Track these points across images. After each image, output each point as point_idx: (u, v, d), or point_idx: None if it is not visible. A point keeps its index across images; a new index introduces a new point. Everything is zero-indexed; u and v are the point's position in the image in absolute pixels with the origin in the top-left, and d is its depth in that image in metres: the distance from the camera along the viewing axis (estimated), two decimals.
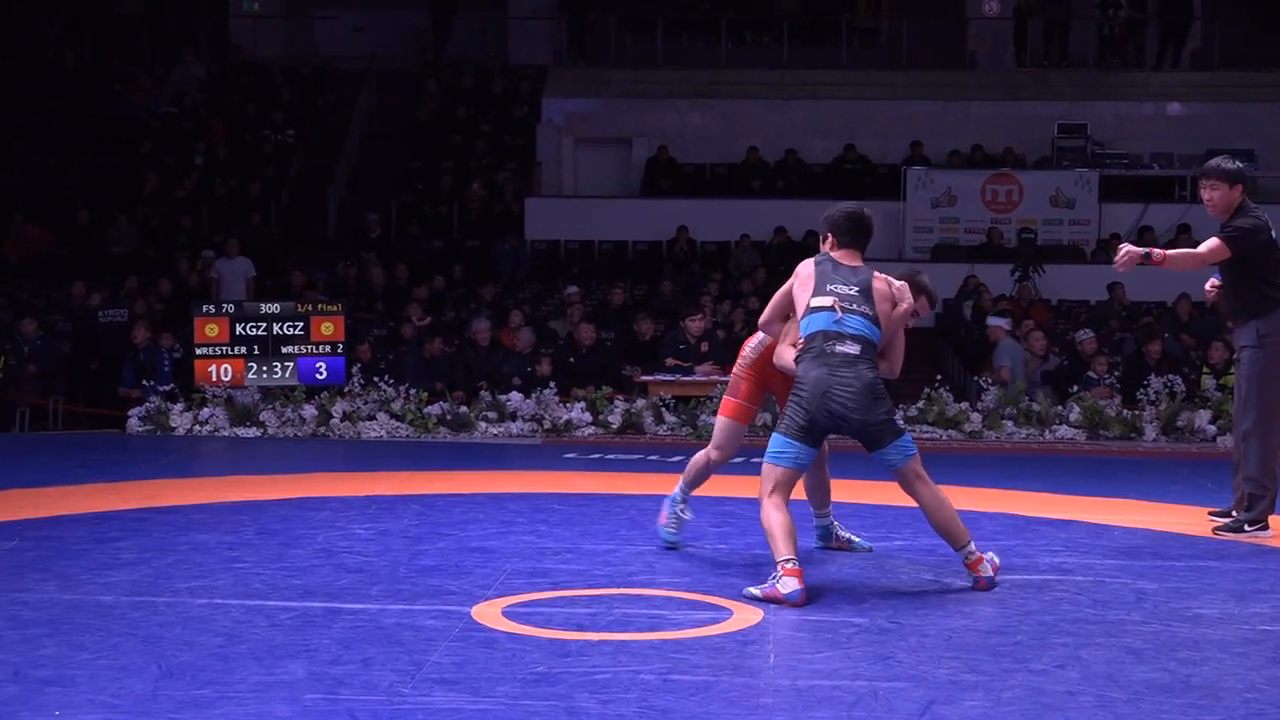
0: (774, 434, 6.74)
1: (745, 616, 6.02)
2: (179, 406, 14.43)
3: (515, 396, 14.33)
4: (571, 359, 15.76)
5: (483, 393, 14.52)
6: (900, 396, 14.84)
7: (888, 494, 9.64)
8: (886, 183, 22.73)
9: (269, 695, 4.84)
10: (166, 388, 15.00)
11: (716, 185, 23.61)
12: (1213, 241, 8.11)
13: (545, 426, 14.16)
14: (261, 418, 14.20)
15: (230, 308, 14.75)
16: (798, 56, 26.00)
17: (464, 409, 14.26)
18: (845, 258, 6.90)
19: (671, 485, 8.02)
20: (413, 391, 14.46)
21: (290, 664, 5.22)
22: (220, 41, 28.12)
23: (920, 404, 14.33)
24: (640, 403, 14.27)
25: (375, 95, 26.16)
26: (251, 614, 5.98)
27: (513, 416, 14.23)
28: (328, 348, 14.50)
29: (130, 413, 14.69)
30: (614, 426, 14.01)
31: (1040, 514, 9.15)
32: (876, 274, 6.89)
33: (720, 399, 7.70)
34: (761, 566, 7.05)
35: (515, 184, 23.12)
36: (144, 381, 15.43)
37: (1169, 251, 8.26)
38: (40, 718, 4.57)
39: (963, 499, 9.54)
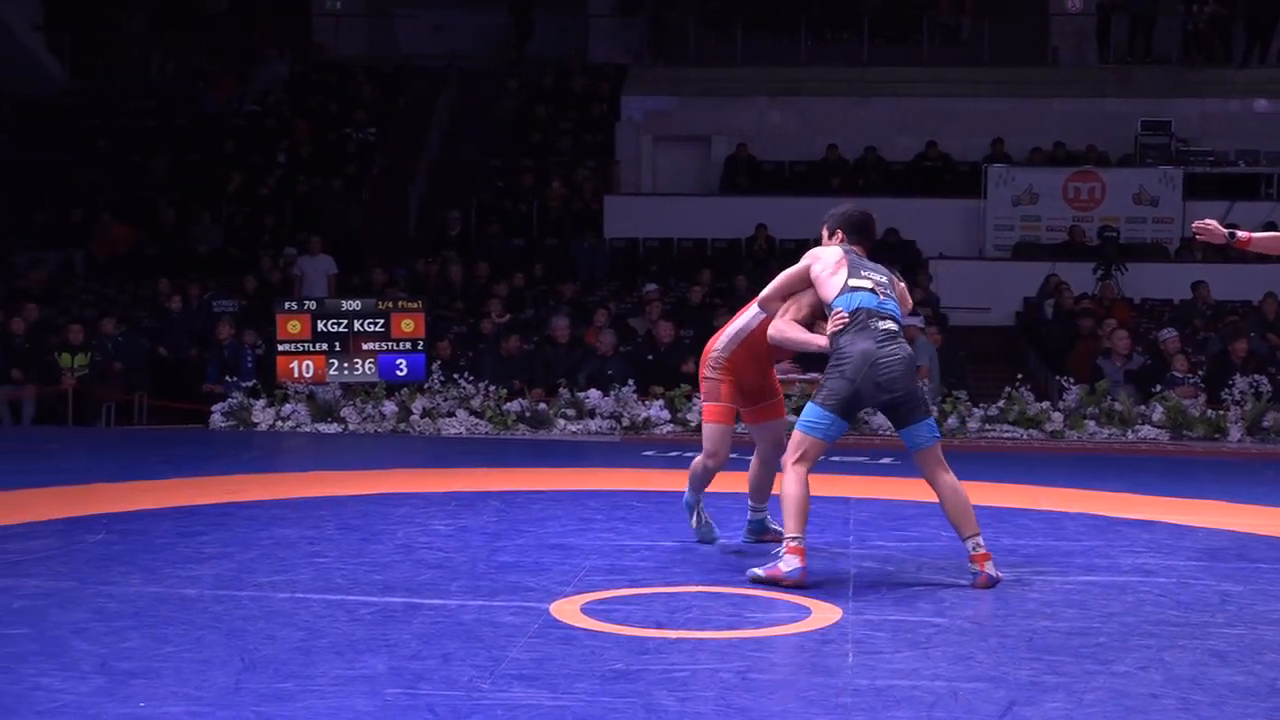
0: (809, 404, 6.88)
1: (824, 615, 6.00)
2: (261, 402, 14.56)
3: (594, 394, 14.35)
4: (650, 356, 15.76)
5: (561, 390, 14.56)
6: (981, 396, 14.76)
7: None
8: (967, 180, 22.57)
9: (349, 689, 4.87)
10: (249, 384, 15.14)
11: (795, 183, 23.53)
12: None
13: (624, 424, 14.18)
14: (342, 414, 14.30)
15: (312, 305, 14.86)
16: (878, 54, 25.87)
17: (543, 406, 14.30)
18: (862, 254, 7.21)
19: (746, 483, 7.98)
20: (492, 389, 14.51)
21: (370, 658, 5.25)
22: (303, 41, 28.36)
23: (1001, 403, 14.23)
24: None
25: (456, 94, 26.28)
26: (332, 608, 6.02)
27: (591, 414, 14.26)
28: (408, 345, 14.59)
29: (214, 408, 14.84)
30: (692, 424, 13.99)
31: (1123, 515, 9.06)
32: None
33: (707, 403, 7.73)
34: (836, 561, 7.05)
35: (594, 182, 23.16)
36: (227, 377, 15.58)
37: (1255, 235, 8.01)
38: (126, 709, 4.62)
39: (1044, 499, 9.49)
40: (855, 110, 24.49)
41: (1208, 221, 7.77)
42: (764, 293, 7.27)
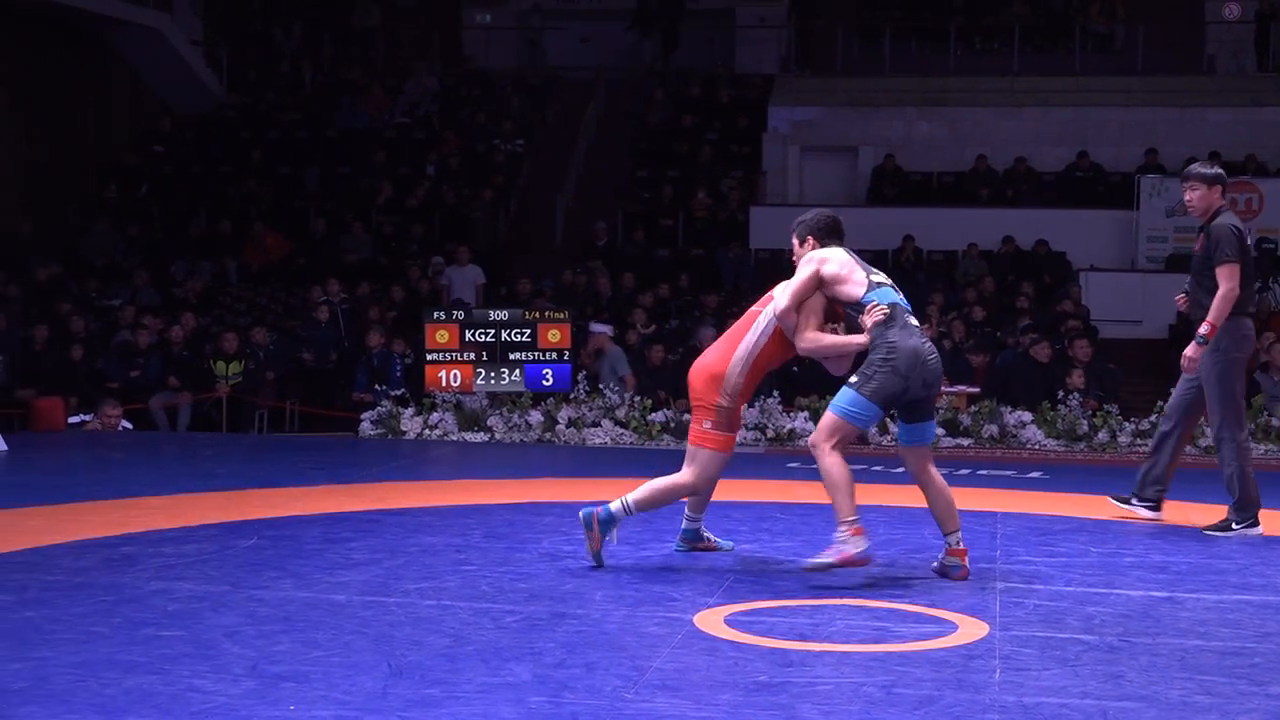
0: (852, 391, 6.89)
1: (970, 631, 5.93)
2: (409, 411, 14.72)
3: None
4: (795, 368, 15.69)
5: None
6: (1132, 410, 14.52)
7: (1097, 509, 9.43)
8: (1119, 191, 22.23)
9: (494, 696, 4.91)
10: (398, 392, 15.32)
11: (943, 194, 23.34)
12: (1222, 272, 8.43)
13: (769, 435, 14.14)
14: (489, 423, 14.42)
15: (460, 314, 14.99)
16: (1029, 63, 25.59)
17: (687, 416, 14.29)
18: None
19: (894, 496, 7.94)
20: (637, 399, 14.55)
21: (515, 666, 5.28)
22: (453, 53, 28.68)
23: (1153, 417, 13.96)
24: None
25: (603, 105, 26.41)
26: (478, 616, 6.07)
27: None
28: (554, 355, 14.66)
29: (363, 416, 15.04)
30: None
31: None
32: None
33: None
34: (982, 576, 6.97)
35: (740, 193, 23.14)
36: (376, 386, 15.78)
37: (1210, 318, 8.44)
38: (276, 712, 4.69)
39: (1197, 515, 9.30)
40: (1005, 120, 24.24)
41: (1185, 360, 8.57)
42: (780, 305, 7.07)
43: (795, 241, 7.37)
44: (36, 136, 23.23)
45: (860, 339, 6.98)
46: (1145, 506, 9.10)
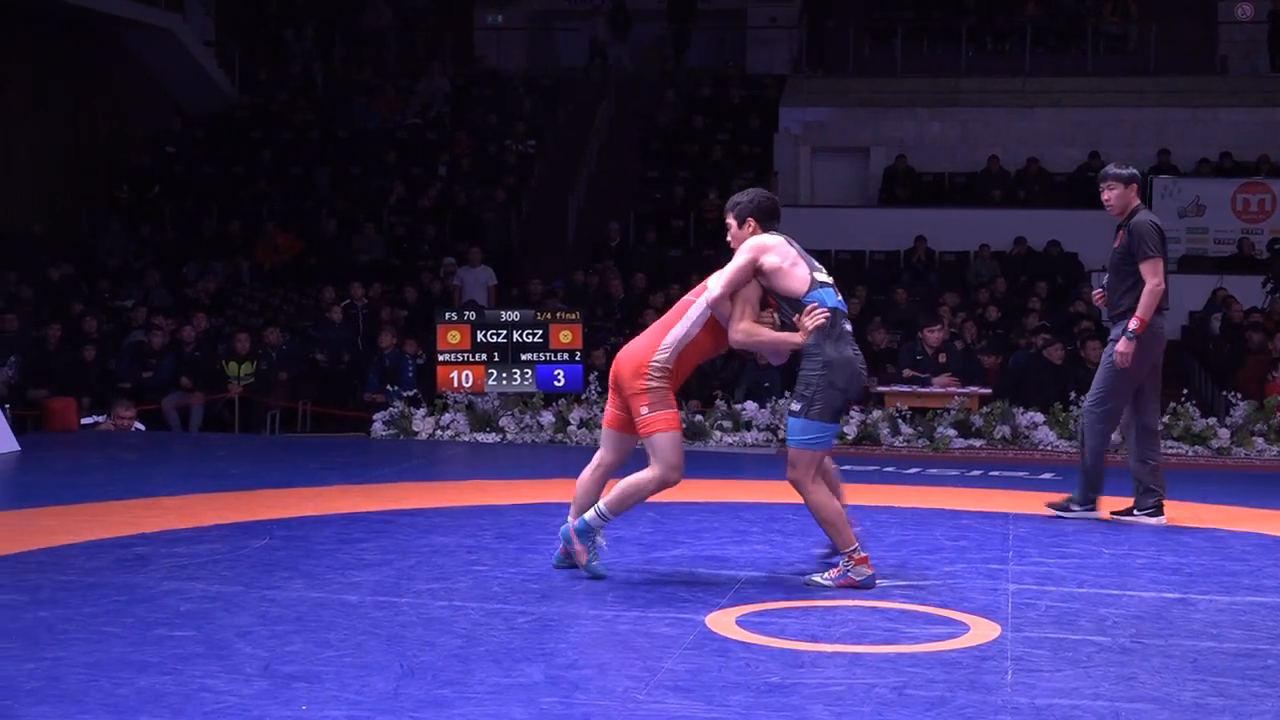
0: (801, 420, 6.77)
1: (982, 632, 5.93)
2: (421, 411, 14.73)
3: (750, 406, 14.33)
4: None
5: (718, 402, 14.55)
6: None
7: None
8: None
9: (506, 697, 4.91)
10: (410, 393, 15.33)
11: (955, 195, 23.30)
12: (1146, 267, 8.83)
13: (780, 436, 14.12)
14: (501, 423, 14.43)
15: (472, 315, 15.00)
16: (1041, 63, 25.55)
17: (699, 417, 14.30)
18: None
19: (906, 497, 7.93)
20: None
21: (527, 667, 5.29)
22: (464, 54, 28.70)
23: (1165, 419, 13.94)
24: (877, 414, 14.15)
25: (614, 105, 26.42)
26: (490, 617, 6.08)
27: (748, 426, 14.23)
28: (566, 355, 14.67)
29: (375, 417, 15.05)
30: (850, 438, 13.91)
31: None
32: None
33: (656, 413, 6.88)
34: (994, 577, 6.97)
35: None
36: (388, 386, 15.79)
37: (1140, 313, 8.82)
38: (288, 712, 4.71)
39: (1209, 517, 9.30)
40: (1017, 120, 24.20)
41: (1119, 355, 8.81)
42: (714, 293, 6.83)
43: (733, 222, 7.06)
44: (49, 137, 23.28)
45: (797, 338, 6.81)
46: (1147, 514, 9.09)
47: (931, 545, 8.06)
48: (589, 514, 6.90)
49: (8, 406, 13.94)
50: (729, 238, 7.12)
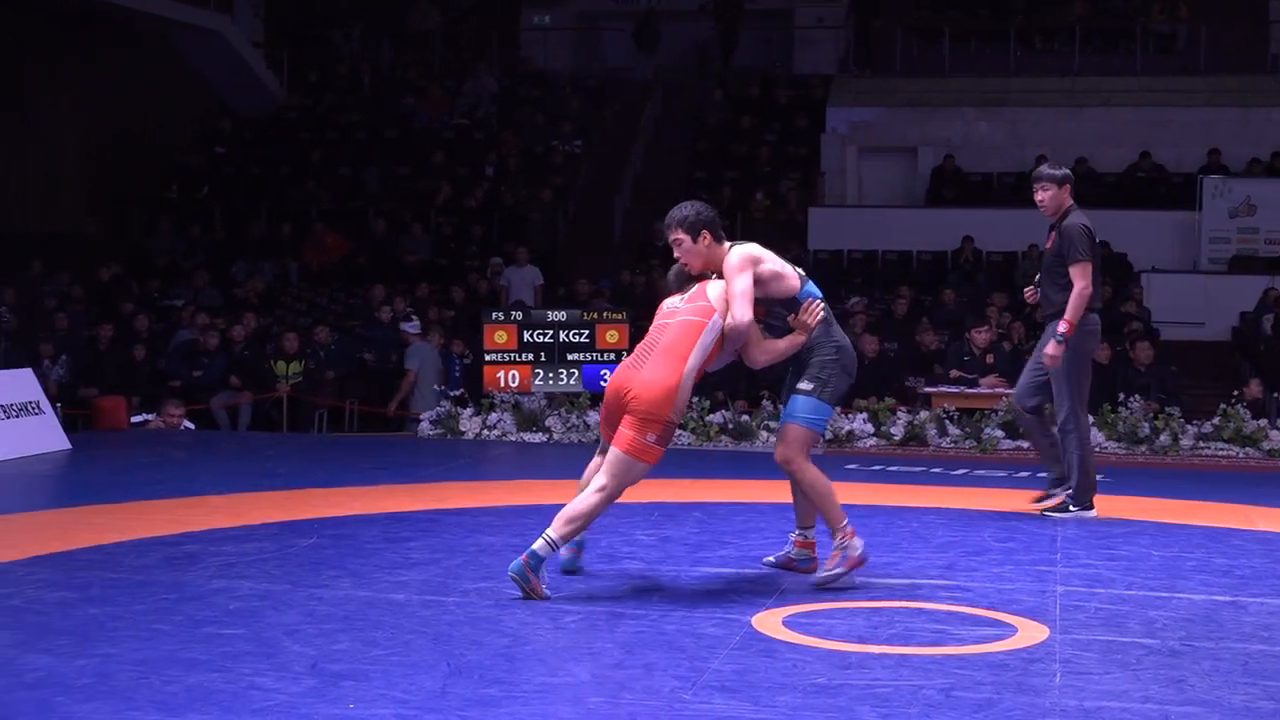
0: (813, 399, 6.79)
1: (1030, 634, 5.90)
2: (468, 411, 14.76)
3: None
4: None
5: (764, 402, 14.53)
6: (1195, 412, 14.40)
7: (1164, 511, 9.37)
8: (1181, 192, 22.03)
9: (553, 696, 4.92)
10: (457, 392, 15.36)
11: (1003, 195, 23.18)
12: (1076, 270, 8.88)
13: (827, 437, 14.09)
14: (547, 423, 14.45)
15: (518, 315, 15.03)
16: (1089, 62, 25.40)
17: (745, 417, 14.29)
18: None
19: (953, 498, 7.88)
20: (694, 399, 14.53)
21: (574, 666, 5.30)
22: (511, 55, 28.75)
23: (1216, 420, 13.85)
24: (923, 414, 14.11)
25: (661, 105, 26.42)
26: (537, 616, 6.08)
27: None
28: (612, 355, 14.67)
29: (422, 416, 15.09)
30: (896, 438, 13.88)
31: None
32: None
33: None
34: (1042, 579, 6.92)
35: (799, 194, 23.09)
36: (435, 386, 15.83)
37: (1068, 316, 8.85)
38: (335, 710, 4.72)
39: (1260, 519, 9.23)
40: (1065, 120, 24.07)
41: (1048, 355, 8.93)
42: (742, 319, 6.62)
43: (684, 236, 6.77)
44: (99, 138, 23.46)
45: (802, 337, 6.85)
46: (1082, 507, 9.19)
47: (979, 547, 8.02)
48: (537, 543, 6.43)
49: (59, 405, 14.05)
50: (678, 253, 6.84)
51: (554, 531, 6.45)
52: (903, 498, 10.06)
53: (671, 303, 6.84)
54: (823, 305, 6.89)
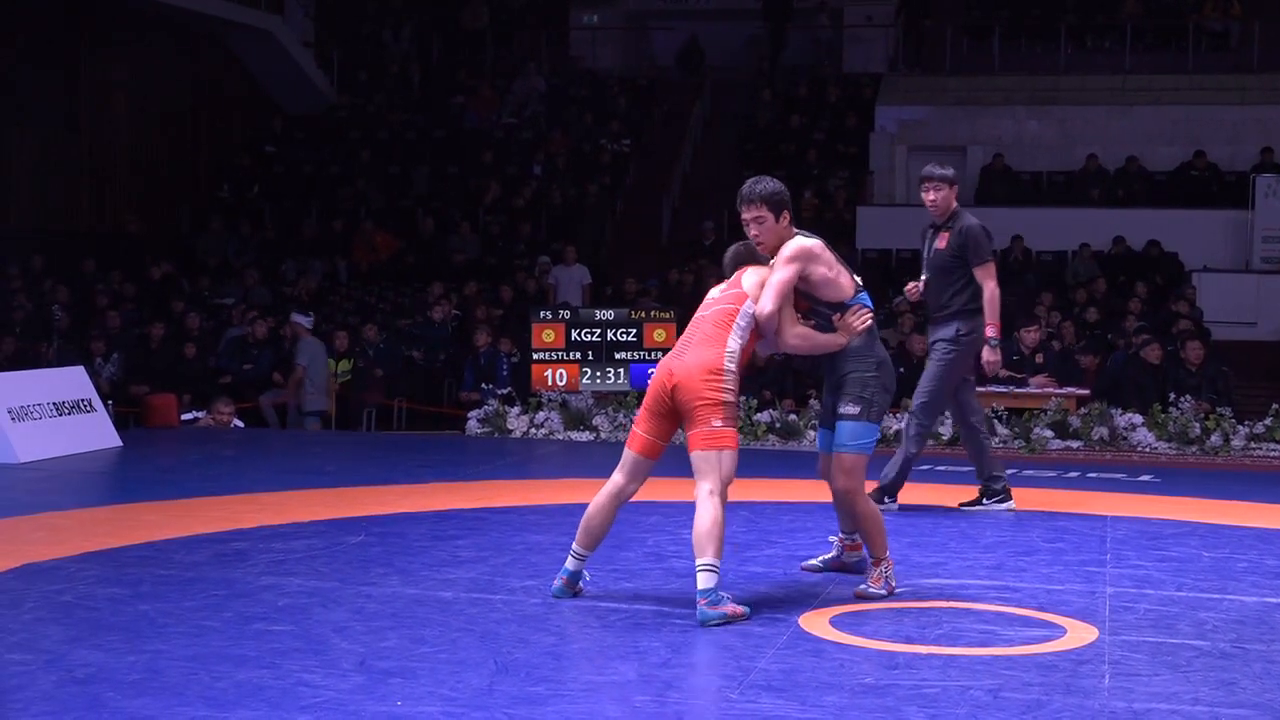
0: (862, 424, 6.59)
1: (1079, 635, 5.87)
2: (516, 410, 14.78)
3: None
4: (902, 370, 15.60)
5: (812, 401, 14.50)
6: (1246, 413, 14.29)
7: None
8: (1234, 190, 21.87)
9: (599, 695, 4.93)
10: (504, 391, 15.39)
11: (1053, 194, 23.07)
12: (984, 272, 8.95)
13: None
14: (594, 422, 14.45)
15: (566, 314, 15.04)
16: (1141, 60, 25.24)
17: (793, 417, 14.26)
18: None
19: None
20: (741, 398, 14.50)
21: (621, 665, 5.30)
22: (560, 54, 28.80)
23: (1268, 420, 13.74)
24: None
25: (710, 104, 26.41)
26: (584, 614, 6.09)
27: None
28: (659, 354, 14.66)
29: (469, 415, 15.12)
30: (944, 438, 13.82)
31: None
32: None
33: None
34: (1091, 580, 6.89)
35: (847, 193, 23.03)
36: (483, 385, 15.86)
37: (989, 319, 9.01)
38: (383, 707, 4.74)
39: None
40: (1116, 119, 23.92)
41: (990, 366, 9.18)
42: (766, 309, 6.40)
43: (768, 214, 6.63)
44: (152, 138, 23.63)
45: (842, 339, 6.61)
46: (997, 501, 9.31)
47: (1028, 547, 7.99)
48: (701, 579, 6.02)
49: (110, 403, 14.15)
50: (756, 230, 6.67)
51: (705, 558, 6.04)
52: (951, 497, 10.01)
53: (712, 293, 6.72)
54: (871, 315, 6.71)
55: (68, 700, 4.79)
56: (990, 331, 8.99)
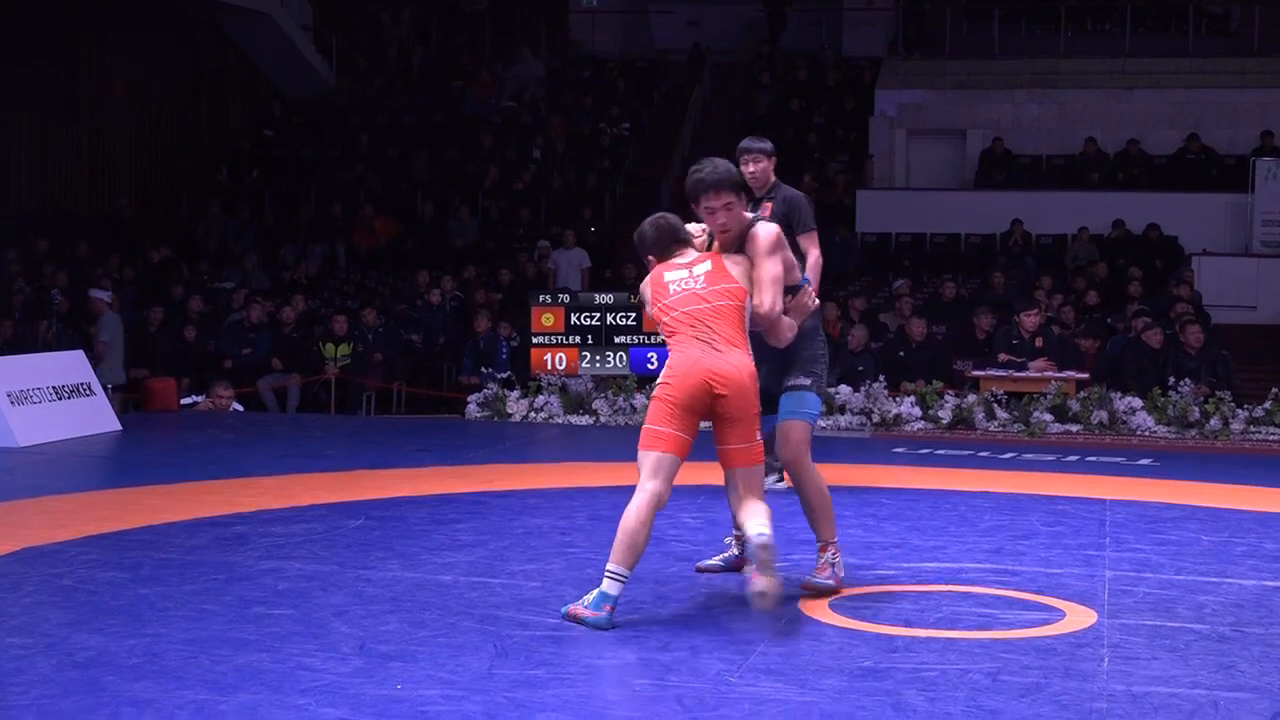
0: (812, 394, 6.47)
1: (1078, 619, 5.88)
2: (515, 394, 14.78)
3: (844, 389, 14.26)
4: (901, 353, 15.62)
5: None
6: (1246, 397, 14.30)
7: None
8: (1233, 174, 21.85)
9: (599, 678, 4.93)
10: (504, 375, 15.39)
11: (1053, 177, 23.05)
12: (809, 239, 8.80)
13: (874, 420, 14.06)
14: (594, 406, 14.46)
15: (566, 298, 15.04)
16: (1141, 43, 25.21)
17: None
18: None
19: (1001, 482, 7.81)
20: None
21: (620, 648, 5.31)
22: (559, 38, 28.75)
23: (1268, 404, 13.74)
24: (971, 398, 14.05)
25: (709, 88, 26.37)
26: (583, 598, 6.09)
27: (841, 409, 14.18)
28: (659, 338, 14.67)
29: (469, 399, 15.13)
30: (944, 422, 13.83)
31: None
32: None
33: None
34: (1090, 564, 6.90)
35: (847, 176, 23.01)
36: (483, 369, 15.86)
37: (811, 278, 8.04)
38: (383, 690, 4.75)
39: None
40: (1116, 102, 23.90)
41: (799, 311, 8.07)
42: (774, 305, 6.17)
43: (735, 199, 6.40)
44: (151, 122, 23.60)
45: (797, 320, 6.39)
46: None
47: (1027, 531, 7.99)
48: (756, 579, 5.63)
49: (109, 386, 14.15)
50: (725, 218, 6.40)
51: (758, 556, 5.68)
52: (950, 481, 10.03)
53: (678, 276, 6.28)
54: (816, 293, 6.65)
55: (68, 684, 4.79)
56: (811, 292, 8.72)
